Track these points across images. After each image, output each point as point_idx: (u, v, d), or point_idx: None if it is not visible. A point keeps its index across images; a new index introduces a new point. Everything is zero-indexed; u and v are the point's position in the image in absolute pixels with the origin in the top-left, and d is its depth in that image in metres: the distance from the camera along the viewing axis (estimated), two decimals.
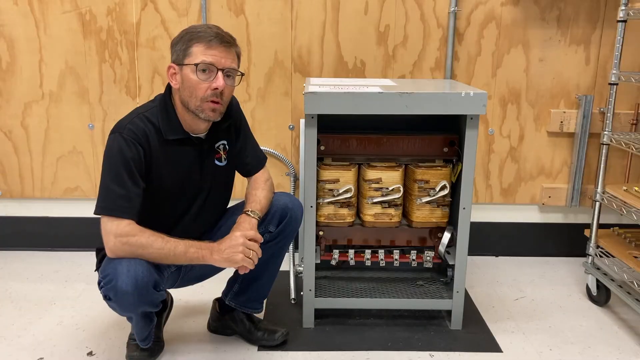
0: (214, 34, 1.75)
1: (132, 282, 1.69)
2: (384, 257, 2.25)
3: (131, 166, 1.74)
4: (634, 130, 2.71)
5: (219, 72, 1.75)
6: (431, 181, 2.17)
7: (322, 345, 2.14)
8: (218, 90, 1.76)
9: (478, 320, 2.33)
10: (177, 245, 1.76)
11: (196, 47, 1.75)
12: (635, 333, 2.26)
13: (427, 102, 2.01)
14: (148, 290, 1.73)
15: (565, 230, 2.96)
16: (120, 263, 1.71)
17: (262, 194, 1.98)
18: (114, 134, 1.76)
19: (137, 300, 1.73)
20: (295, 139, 2.84)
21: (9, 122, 2.82)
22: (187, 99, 1.78)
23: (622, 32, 2.32)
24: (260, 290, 2.13)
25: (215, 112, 1.80)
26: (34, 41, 2.73)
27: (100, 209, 1.74)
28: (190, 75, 1.75)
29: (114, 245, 1.72)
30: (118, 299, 1.73)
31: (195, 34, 1.76)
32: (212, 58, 1.74)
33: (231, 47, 1.79)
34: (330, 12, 2.71)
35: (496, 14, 2.70)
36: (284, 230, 2.02)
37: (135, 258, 1.73)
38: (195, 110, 1.79)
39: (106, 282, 1.73)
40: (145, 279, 1.71)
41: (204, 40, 1.74)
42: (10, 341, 2.16)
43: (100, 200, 1.75)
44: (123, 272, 1.69)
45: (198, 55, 1.74)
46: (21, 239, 2.97)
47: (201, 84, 1.75)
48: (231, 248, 1.78)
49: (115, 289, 1.70)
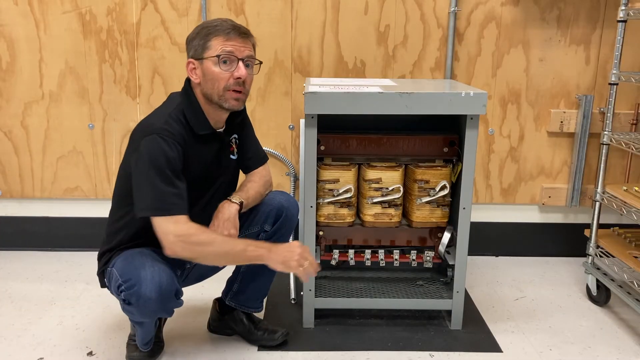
0: (230, 26, 1.78)
1: (156, 289, 1.68)
2: (384, 257, 2.25)
3: (174, 165, 1.74)
4: (634, 130, 2.71)
5: (239, 61, 1.78)
6: (431, 181, 2.17)
7: (322, 345, 2.14)
8: (241, 79, 1.79)
9: (478, 320, 2.33)
10: (236, 244, 1.78)
11: (215, 40, 1.77)
12: (635, 333, 2.26)
13: (427, 102, 2.01)
14: (170, 298, 1.73)
15: (565, 230, 2.96)
16: (143, 268, 1.71)
17: (253, 186, 1.99)
18: (150, 136, 1.72)
19: (158, 307, 1.73)
20: (295, 139, 2.84)
21: (9, 122, 2.82)
22: (209, 91, 1.81)
23: (622, 32, 2.32)
24: (260, 289, 2.13)
25: (238, 101, 1.83)
26: (34, 41, 2.73)
27: (154, 210, 1.71)
28: (211, 67, 1.77)
29: (174, 244, 1.70)
30: (140, 305, 1.71)
31: (212, 27, 1.78)
32: (232, 47, 1.77)
33: (248, 38, 1.82)
34: (330, 12, 2.71)
35: (496, 14, 2.70)
36: (280, 229, 2.03)
37: (159, 264, 1.73)
38: (219, 100, 1.81)
39: (128, 286, 1.71)
40: (169, 286, 1.71)
41: (222, 33, 1.77)
42: (10, 341, 2.16)
43: (150, 201, 1.71)
44: (147, 278, 1.68)
45: (217, 47, 1.76)
46: (21, 239, 2.97)
47: (223, 74, 1.78)
48: (289, 253, 1.78)
49: (138, 295, 1.69)
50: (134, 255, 1.79)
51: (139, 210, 1.73)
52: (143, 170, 1.72)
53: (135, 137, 1.78)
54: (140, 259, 1.76)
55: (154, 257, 1.78)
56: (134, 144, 1.77)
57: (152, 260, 1.75)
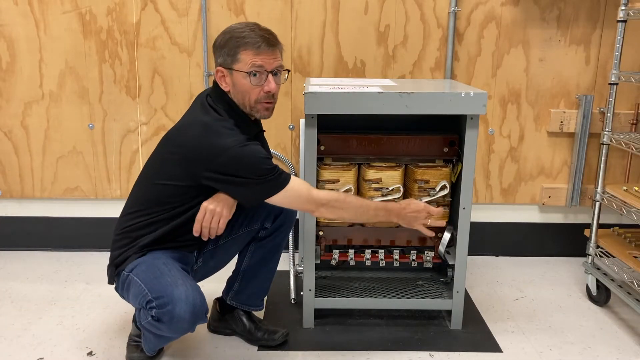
0: (260, 38, 1.78)
1: (190, 310, 1.68)
2: (384, 257, 2.25)
3: (268, 154, 1.83)
4: (634, 130, 2.71)
5: (269, 75, 1.80)
6: (431, 181, 2.17)
7: (322, 345, 2.14)
8: (271, 92, 1.82)
9: (478, 320, 2.33)
10: (368, 209, 1.92)
11: (244, 54, 1.78)
12: (635, 333, 2.26)
13: (427, 102, 2.01)
14: (202, 317, 1.74)
15: (565, 230, 2.96)
16: (176, 286, 1.70)
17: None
18: (232, 148, 1.73)
19: (189, 327, 1.72)
20: (295, 139, 2.85)
21: (9, 122, 2.82)
22: (240, 101, 1.84)
23: (622, 32, 2.32)
24: (260, 287, 2.14)
25: (268, 110, 1.87)
26: (34, 41, 2.73)
27: (283, 182, 1.78)
28: (242, 80, 1.80)
29: (316, 208, 1.84)
30: (172, 325, 1.70)
31: (241, 39, 1.78)
32: (262, 62, 1.78)
33: (277, 46, 1.83)
34: (330, 12, 2.71)
35: (496, 14, 2.70)
36: (280, 226, 2.05)
37: (189, 281, 1.75)
38: (251, 111, 1.85)
39: (160, 304, 1.69)
40: (202, 307, 1.72)
41: (252, 47, 1.77)
42: (10, 341, 2.16)
43: (274, 179, 1.77)
44: (181, 299, 1.67)
45: (247, 62, 1.78)
46: (21, 239, 2.97)
47: (254, 88, 1.80)
48: (413, 216, 1.95)
49: (171, 314, 1.68)
50: (159, 267, 1.78)
51: (258, 201, 1.83)
52: (248, 178, 1.75)
53: (208, 154, 1.74)
54: (169, 274, 1.75)
55: (181, 272, 1.78)
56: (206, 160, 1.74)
57: (183, 278, 1.75)
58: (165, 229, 1.85)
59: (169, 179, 1.82)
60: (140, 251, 1.84)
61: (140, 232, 1.86)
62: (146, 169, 1.94)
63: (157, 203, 1.85)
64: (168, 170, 1.82)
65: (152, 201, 1.86)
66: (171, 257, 1.84)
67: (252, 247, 2.09)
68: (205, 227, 1.82)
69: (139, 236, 1.86)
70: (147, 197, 1.88)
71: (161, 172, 1.85)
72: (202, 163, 1.75)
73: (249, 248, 2.09)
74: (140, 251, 1.84)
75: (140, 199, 1.91)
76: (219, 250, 2.06)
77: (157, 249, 1.85)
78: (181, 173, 1.79)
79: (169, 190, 1.83)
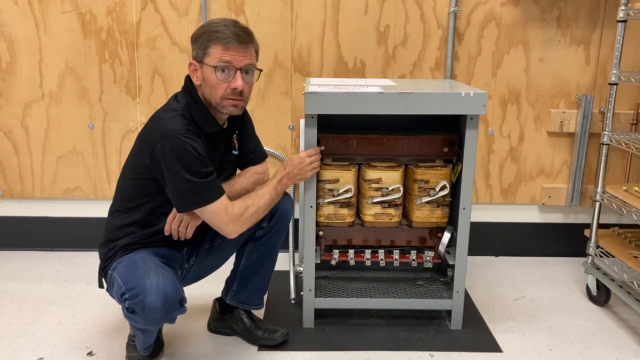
0: (231, 33, 1.77)
1: (161, 299, 1.68)
2: (384, 257, 2.25)
3: (204, 157, 1.77)
4: (634, 130, 2.71)
5: (237, 72, 1.79)
6: (431, 181, 2.17)
7: (322, 345, 2.14)
8: (237, 90, 1.80)
9: (478, 320, 2.33)
10: (266, 195, 1.91)
11: (214, 48, 1.77)
12: (635, 333, 2.26)
13: (427, 102, 2.01)
14: (175, 306, 1.73)
15: (565, 230, 2.96)
16: (148, 276, 1.71)
17: (240, 181, 2.00)
18: (170, 137, 1.72)
19: (162, 316, 1.72)
20: (295, 139, 2.84)
21: (9, 122, 2.82)
22: (208, 96, 1.83)
23: (622, 32, 2.32)
24: (259, 286, 2.14)
25: (236, 107, 1.85)
26: (34, 41, 2.73)
27: (196, 203, 1.76)
28: (210, 75, 1.79)
29: (234, 229, 1.82)
30: (145, 315, 1.71)
31: (213, 33, 1.77)
32: (230, 57, 1.77)
33: (248, 45, 1.81)
34: (330, 12, 2.71)
35: (496, 14, 2.70)
36: (276, 224, 2.05)
37: (163, 271, 1.75)
38: (217, 106, 1.84)
39: (132, 295, 1.70)
40: (174, 295, 1.71)
41: (221, 42, 1.76)
42: (10, 341, 2.16)
43: (190, 197, 1.75)
44: (152, 288, 1.68)
45: (216, 56, 1.77)
46: (21, 239, 2.97)
47: (221, 83, 1.79)
48: (300, 169, 1.98)
49: (142, 304, 1.68)
50: (136, 261, 1.79)
51: (182, 208, 1.78)
52: (175, 172, 1.73)
53: (150, 141, 1.76)
54: (144, 266, 1.75)
55: (157, 263, 1.79)
56: (148, 147, 1.76)
57: (155, 268, 1.75)
58: (140, 228, 1.87)
59: (134, 173, 1.86)
60: (123, 250, 1.86)
61: (118, 232, 1.89)
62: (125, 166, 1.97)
63: (130, 199, 1.88)
64: (135, 162, 1.86)
65: (126, 198, 1.89)
66: (154, 254, 1.84)
67: (250, 247, 2.09)
68: (174, 229, 1.85)
69: (118, 237, 1.88)
70: (122, 193, 1.92)
71: (130, 165, 1.90)
72: (147, 148, 1.77)
73: (246, 247, 2.09)
74: (123, 250, 1.86)
75: (117, 196, 1.94)
76: (215, 249, 2.06)
77: (139, 247, 1.86)
78: (138, 163, 1.82)
79: (137, 184, 1.85)
